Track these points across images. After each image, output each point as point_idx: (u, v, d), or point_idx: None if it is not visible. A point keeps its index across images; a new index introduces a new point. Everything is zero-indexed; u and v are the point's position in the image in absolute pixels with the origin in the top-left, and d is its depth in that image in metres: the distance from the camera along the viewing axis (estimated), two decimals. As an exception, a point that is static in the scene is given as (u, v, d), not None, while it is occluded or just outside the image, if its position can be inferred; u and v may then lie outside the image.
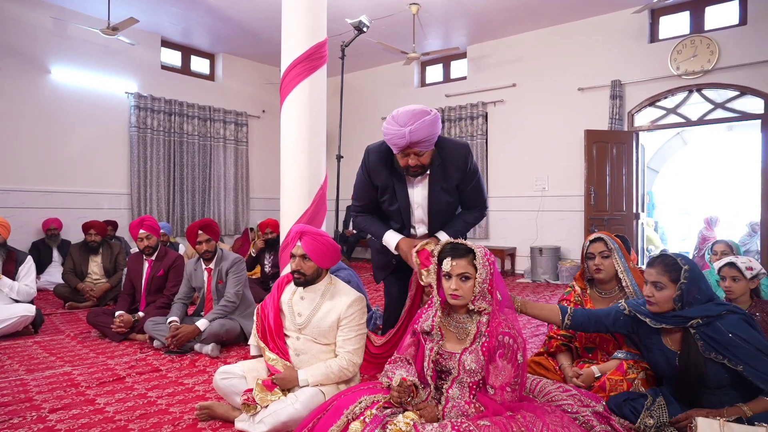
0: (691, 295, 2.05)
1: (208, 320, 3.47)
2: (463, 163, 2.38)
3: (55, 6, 6.62)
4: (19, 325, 3.88)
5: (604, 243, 2.56)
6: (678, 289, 2.05)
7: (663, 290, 2.07)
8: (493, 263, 1.96)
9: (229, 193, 8.80)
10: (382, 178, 2.48)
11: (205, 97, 8.46)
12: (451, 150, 2.38)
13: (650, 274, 2.12)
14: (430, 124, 2.21)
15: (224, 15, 7.05)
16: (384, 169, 2.46)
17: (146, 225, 3.99)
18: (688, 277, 2.05)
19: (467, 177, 2.42)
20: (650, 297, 2.11)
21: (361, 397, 1.91)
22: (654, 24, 6.83)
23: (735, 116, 6.33)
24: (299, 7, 3.57)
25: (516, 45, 7.75)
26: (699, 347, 2.00)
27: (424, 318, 2.08)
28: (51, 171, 6.71)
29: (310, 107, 3.58)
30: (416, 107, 2.26)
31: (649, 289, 2.11)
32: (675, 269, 2.07)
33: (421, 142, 2.22)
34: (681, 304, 2.06)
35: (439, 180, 2.39)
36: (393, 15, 6.81)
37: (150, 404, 2.53)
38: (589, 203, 6.65)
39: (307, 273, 2.39)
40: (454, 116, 8.25)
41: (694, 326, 2.02)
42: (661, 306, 2.09)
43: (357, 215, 2.67)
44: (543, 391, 2.11)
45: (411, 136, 2.18)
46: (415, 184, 2.47)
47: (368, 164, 2.51)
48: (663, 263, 2.10)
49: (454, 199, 2.47)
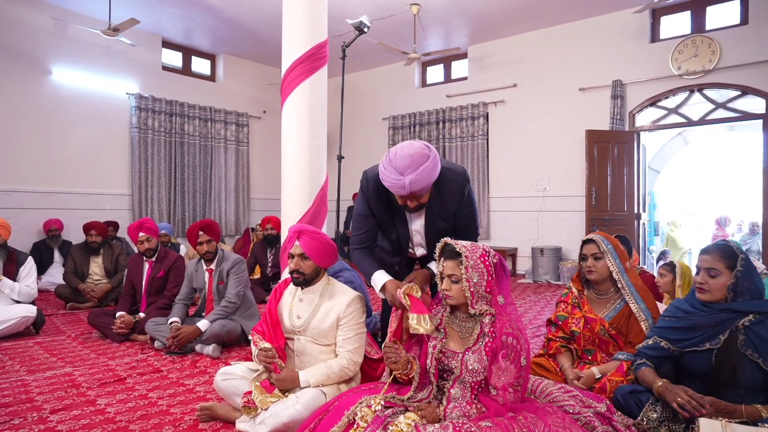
0: (744, 286, 1.99)
1: (209, 321, 3.46)
2: (459, 194, 2.33)
3: (56, 7, 6.62)
4: (20, 326, 3.88)
5: (596, 245, 2.55)
6: (734, 277, 1.99)
7: (718, 277, 2.01)
8: (495, 265, 1.93)
9: (229, 193, 8.80)
10: (380, 209, 2.41)
11: (206, 97, 8.47)
12: (448, 180, 2.28)
13: (705, 260, 2.05)
14: (430, 171, 2.07)
15: (225, 16, 7.05)
16: (382, 200, 2.39)
17: (146, 228, 3.99)
18: (745, 266, 1.99)
19: (462, 205, 2.38)
20: (703, 284, 2.04)
21: (362, 398, 1.91)
22: (655, 24, 6.83)
23: (736, 116, 6.32)
24: (300, 7, 3.57)
25: (517, 45, 7.74)
26: (739, 341, 1.95)
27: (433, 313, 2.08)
28: (52, 172, 6.72)
29: (310, 108, 3.59)
30: (414, 150, 2.07)
31: (703, 276, 2.04)
32: (732, 256, 2.01)
33: (422, 190, 2.12)
34: (734, 294, 2.00)
35: (436, 209, 2.34)
36: (394, 15, 6.81)
37: (151, 405, 2.53)
38: (591, 203, 6.64)
39: (306, 272, 2.38)
40: (455, 116, 8.25)
41: (744, 325, 1.96)
42: (713, 294, 2.02)
43: (354, 250, 2.50)
44: (544, 391, 2.11)
45: (411, 187, 2.05)
46: (413, 215, 2.43)
47: (367, 193, 2.41)
48: (720, 249, 2.04)
49: (450, 225, 2.43)
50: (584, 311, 2.57)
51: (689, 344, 2.06)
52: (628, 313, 2.48)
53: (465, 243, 1.96)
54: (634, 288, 2.50)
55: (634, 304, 2.47)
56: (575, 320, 2.58)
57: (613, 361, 2.42)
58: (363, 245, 2.47)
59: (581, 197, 6.91)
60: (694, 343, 2.05)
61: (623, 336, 2.48)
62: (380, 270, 2.36)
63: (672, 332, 2.12)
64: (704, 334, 2.03)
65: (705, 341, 2.03)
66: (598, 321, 2.51)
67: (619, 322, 2.49)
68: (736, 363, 1.95)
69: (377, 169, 2.26)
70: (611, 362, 2.43)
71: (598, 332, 2.50)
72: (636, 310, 2.45)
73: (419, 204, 2.24)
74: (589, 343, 2.55)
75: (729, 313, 2.00)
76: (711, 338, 2.02)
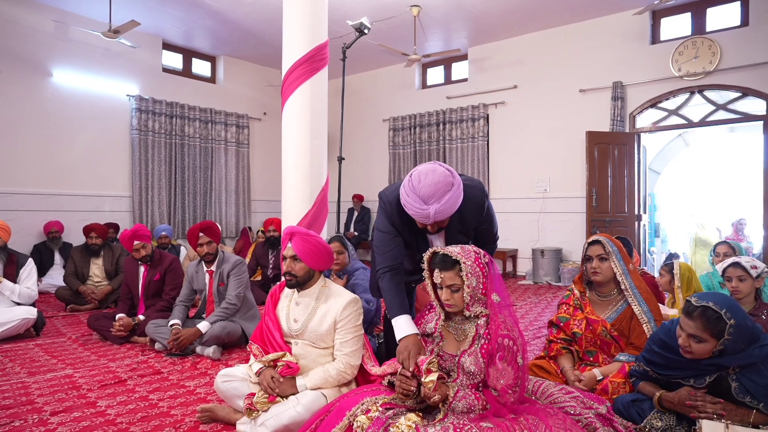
0: (734, 350, 1.87)
1: (210, 323, 3.46)
2: (479, 211, 2.27)
3: (56, 9, 6.63)
4: (21, 328, 3.87)
5: (602, 246, 2.55)
6: (721, 344, 1.86)
7: (703, 343, 1.88)
8: (488, 264, 1.95)
9: (230, 195, 8.80)
10: (405, 231, 2.32)
11: (206, 99, 8.48)
12: (469, 199, 2.17)
13: (688, 325, 1.90)
14: (455, 201, 2.01)
15: (225, 17, 7.06)
16: (405, 222, 2.27)
17: (139, 235, 3.95)
18: (734, 333, 1.82)
19: (484, 220, 2.33)
20: (687, 347, 1.91)
21: (364, 399, 1.91)
22: (655, 25, 6.83)
23: (737, 117, 6.32)
24: (300, 9, 3.57)
25: (517, 47, 7.75)
26: (732, 389, 1.89)
27: (426, 320, 2.08)
28: (52, 174, 6.72)
29: (311, 109, 3.59)
30: (438, 177, 1.99)
31: (685, 339, 1.91)
32: (718, 325, 1.84)
33: (446, 219, 2.07)
34: (720, 353, 1.90)
35: (457, 226, 2.27)
36: (394, 17, 6.82)
37: (151, 407, 2.53)
38: (591, 205, 6.64)
39: (298, 275, 2.38)
40: (455, 118, 8.25)
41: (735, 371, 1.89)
42: (698, 355, 1.92)
43: (384, 273, 2.28)
44: (545, 392, 2.10)
45: (436, 217, 1.99)
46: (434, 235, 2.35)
47: (391, 216, 2.30)
48: (704, 317, 1.86)
49: (470, 239, 2.37)
50: (586, 312, 2.57)
51: (674, 376, 2.04)
52: (630, 315, 2.48)
53: (456, 249, 1.93)
54: (637, 290, 2.50)
55: (636, 306, 2.47)
56: (577, 322, 2.57)
57: (615, 363, 2.42)
58: (391, 264, 2.28)
59: (582, 199, 6.91)
60: (679, 376, 2.03)
61: (625, 337, 2.48)
62: (406, 315, 2.13)
63: (657, 366, 2.10)
64: (689, 374, 2.00)
65: (690, 377, 2.00)
66: (600, 322, 2.50)
67: (621, 323, 2.49)
68: (722, 396, 1.92)
69: (395, 190, 2.21)
70: (612, 364, 2.43)
71: (599, 334, 2.50)
72: (639, 312, 2.45)
73: (440, 227, 2.18)
74: (591, 344, 2.55)
75: (717, 368, 1.95)
76: (696, 377, 1.98)
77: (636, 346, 2.41)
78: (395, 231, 2.30)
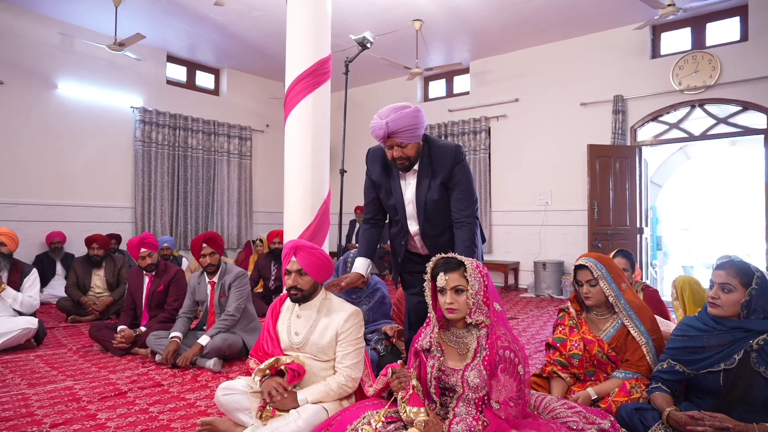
0: (758, 304, 1.98)
1: (210, 336, 3.46)
2: (449, 161, 2.43)
3: (62, 22, 6.71)
4: (22, 339, 3.87)
5: (589, 271, 2.47)
6: (748, 294, 1.98)
7: (731, 293, 2.00)
8: (486, 275, 1.97)
9: (232, 206, 8.82)
10: (377, 174, 2.60)
11: (209, 111, 8.53)
12: (439, 149, 2.46)
13: (719, 275, 2.04)
14: (407, 115, 2.30)
15: (230, 31, 7.13)
16: (378, 165, 2.60)
17: (146, 243, 4.00)
18: (760, 284, 1.97)
19: (454, 175, 2.43)
20: (715, 299, 2.03)
21: (365, 413, 1.90)
22: (655, 40, 6.88)
23: (738, 131, 6.34)
24: (304, 23, 3.60)
25: (518, 60, 7.80)
26: (752, 358, 1.94)
27: (423, 336, 2.08)
28: (55, 184, 6.76)
29: (313, 122, 3.61)
30: (399, 104, 2.38)
31: (716, 291, 2.04)
32: (747, 273, 2.00)
33: (399, 132, 2.30)
34: (747, 311, 1.99)
35: (426, 175, 2.46)
36: (396, 31, 6.88)
37: (152, 419, 2.52)
38: (593, 218, 6.64)
39: (304, 288, 2.38)
40: (457, 131, 8.29)
41: (759, 344, 1.94)
42: (725, 309, 2.02)
43: (363, 226, 2.79)
44: (548, 407, 2.09)
45: (389, 127, 2.29)
46: (407, 179, 2.54)
47: (367, 161, 2.67)
48: (735, 265, 2.03)
49: (440, 198, 2.47)
50: (582, 332, 2.53)
51: (703, 365, 2.04)
52: (626, 332, 2.43)
53: (457, 255, 2.00)
54: (632, 310, 2.44)
55: (633, 328, 2.40)
56: (574, 343, 2.53)
57: (611, 380, 2.38)
58: (369, 218, 2.74)
59: (583, 211, 6.91)
60: (708, 364, 2.03)
61: (621, 355, 2.44)
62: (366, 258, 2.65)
63: (684, 353, 2.10)
64: (717, 354, 2.01)
65: (719, 361, 2.01)
66: (596, 343, 2.45)
67: (618, 341, 2.44)
68: (749, 381, 1.93)
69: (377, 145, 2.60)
70: (608, 381, 2.39)
71: (595, 354, 2.46)
72: (636, 333, 2.40)
73: (407, 158, 2.40)
74: (590, 365, 2.51)
75: (741, 332, 1.98)
76: (725, 358, 2.00)
77: (630, 362, 2.38)
78: (371, 182, 2.67)
